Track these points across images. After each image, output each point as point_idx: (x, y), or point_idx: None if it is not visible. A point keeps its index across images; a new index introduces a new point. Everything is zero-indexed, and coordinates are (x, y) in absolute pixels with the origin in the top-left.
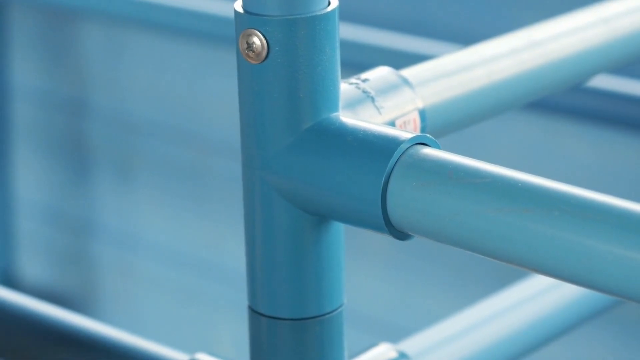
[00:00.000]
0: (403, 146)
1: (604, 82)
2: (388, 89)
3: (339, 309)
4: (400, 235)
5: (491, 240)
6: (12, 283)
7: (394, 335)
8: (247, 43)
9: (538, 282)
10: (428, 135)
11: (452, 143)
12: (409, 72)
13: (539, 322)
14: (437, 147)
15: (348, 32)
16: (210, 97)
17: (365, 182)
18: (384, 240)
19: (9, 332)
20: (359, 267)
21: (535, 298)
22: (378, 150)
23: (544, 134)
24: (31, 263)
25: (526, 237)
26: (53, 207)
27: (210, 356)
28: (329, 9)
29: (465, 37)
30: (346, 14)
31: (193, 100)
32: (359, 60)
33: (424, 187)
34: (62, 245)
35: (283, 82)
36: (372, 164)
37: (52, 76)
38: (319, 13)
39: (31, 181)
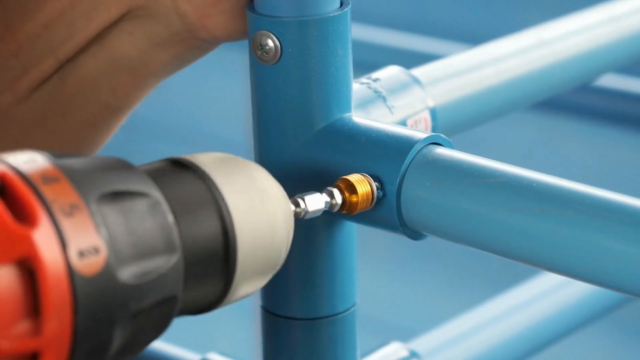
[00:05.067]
0: (417, 146)
1: (610, 81)
2: (399, 89)
3: (352, 309)
4: (414, 235)
5: (506, 239)
6: None
7: (402, 335)
8: (260, 44)
9: (547, 281)
10: (441, 135)
11: (456, 142)
12: (419, 72)
13: (549, 320)
14: (451, 146)
15: (358, 32)
16: (211, 97)
17: (380, 183)
18: (391, 240)
19: None
20: (366, 268)
21: (544, 296)
22: (392, 150)
23: (550, 132)
24: None
25: (541, 237)
26: None
27: (222, 356)
28: (341, 10)
29: (475, 37)
30: (356, 13)
31: (193, 100)
32: (368, 60)
33: (438, 187)
34: None
35: (296, 83)
36: (386, 164)
37: None
38: (331, 14)
39: None
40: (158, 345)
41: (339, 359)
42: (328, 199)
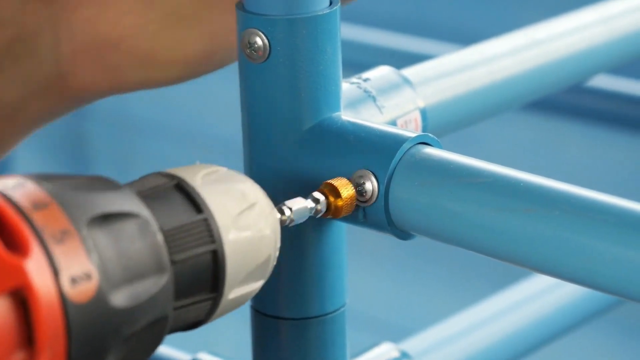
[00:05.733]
0: (405, 146)
1: (603, 81)
2: (389, 89)
3: (341, 309)
4: (403, 234)
5: (493, 239)
6: None
7: (395, 335)
8: (249, 43)
9: (539, 282)
10: (430, 134)
11: (451, 142)
12: (410, 72)
13: (540, 322)
14: (439, 146)
15: (349, 31)
16: (210, 97)
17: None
18: (385, 239)
19: None
20: (359, 267)
21: (536, 298)
22: (380, 150)
23: (543, 133)
24: None
25: (527, 237)
26: None
27: (212, 356)
28: (331, 8)
29: (466, 37)
30: (347, 13)
31: (193, 100)
32: (359, 60)
33: (426, 187)
34: None
35: (285, 81)
36: (375, 163)
37: None
38: (320, 13)
39: None
40: None
41: (329, 359)
42: (313, 205)
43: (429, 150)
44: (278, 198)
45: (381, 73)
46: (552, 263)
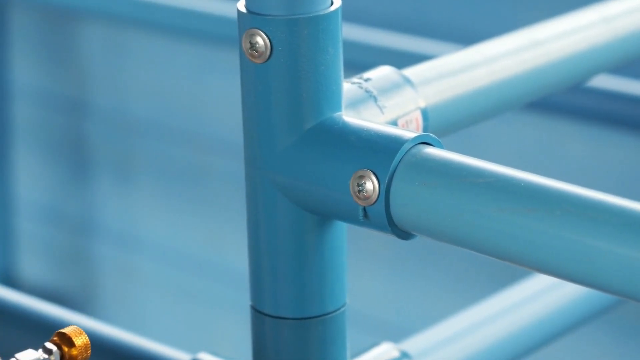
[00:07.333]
0: (406, 146)
1: (603, 82)
2: (390, 89)
3: (342, 309)
4: (404, 234)
5: (494, 239)
6: (12, 283)
7: (396, 335)
8: (251, 43)
9: (539, 282)
10: (431, 134)
11: (452, 142)
12: (411, 72)
13: (540, 322)
14: (440, 146)
15: (350, 32)
16: (211, 97)
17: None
18: (386, 240)
19: (8, 331)
20: (361, 268)
21: (536, 298)
22: (381, 149)
23: (544, 133)
24: (31, 263)
25: (528, 237)
26: (53, 207)
27: (213, 356)
28: (332, 8)
29: (466, 37)
30: (348, 14)
31: (193, 100)
32: (361, 60)
33: (427, 187)
34: (62, 245)
35: (286, 81)
36: (376, 163)
37: (52, 76)
38: (321, 13)
39: (31, 181)
40: (147, 344)
41: (329, 359)
42: (45, 356)
43: (430, 150)
44: (277, 197)
45: (382, 73)
46: (553, 263)
